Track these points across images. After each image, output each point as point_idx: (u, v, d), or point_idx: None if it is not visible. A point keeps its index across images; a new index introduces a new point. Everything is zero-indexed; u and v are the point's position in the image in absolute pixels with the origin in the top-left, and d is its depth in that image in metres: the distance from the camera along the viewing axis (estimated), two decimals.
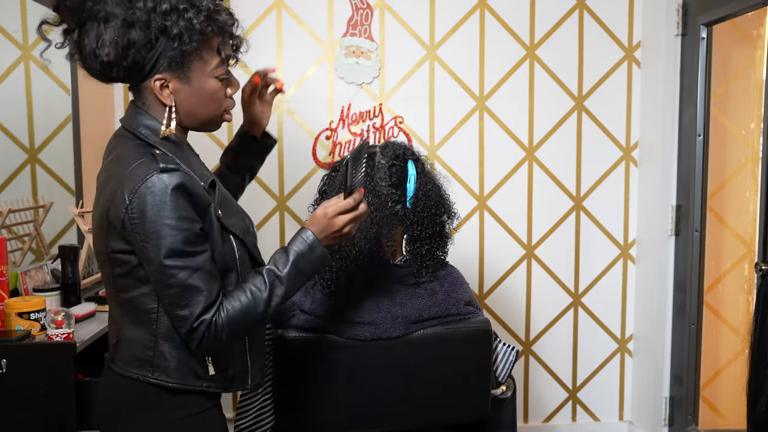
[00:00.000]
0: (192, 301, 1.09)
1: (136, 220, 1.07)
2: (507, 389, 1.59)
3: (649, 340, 2.55)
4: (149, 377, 1.14)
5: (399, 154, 1.51)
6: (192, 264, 1.08)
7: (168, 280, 1.08)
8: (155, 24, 1.08)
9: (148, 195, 1.06)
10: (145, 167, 1.08)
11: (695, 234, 2.28)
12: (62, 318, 1.64)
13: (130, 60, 1.10)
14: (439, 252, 1.53)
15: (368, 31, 2.47)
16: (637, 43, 2.58)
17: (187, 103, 1.16)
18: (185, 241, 1.07)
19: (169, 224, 1.06)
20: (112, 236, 1.11)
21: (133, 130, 1.16)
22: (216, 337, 1.11)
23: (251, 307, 1.14)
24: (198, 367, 1.16)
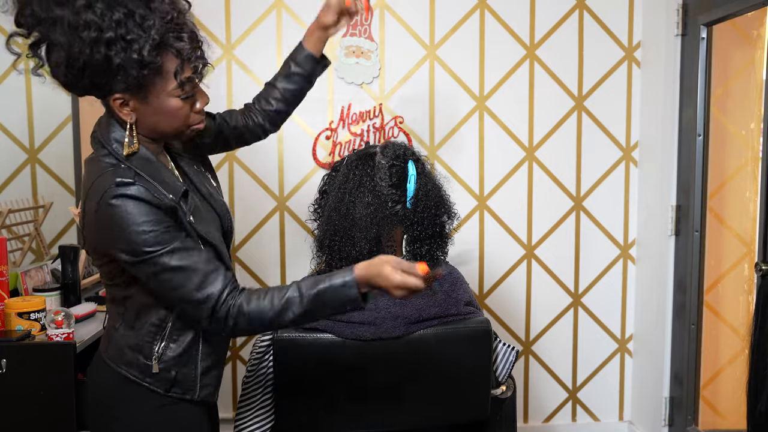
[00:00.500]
0: (185, 279, 1.12)
1: (104, 230, 1.11)
2: (507, 389, 1.59)
3: (649, 340, 2.55)
4: (107, 356, 1.23)
5: (399, 154, 1.52)
6: (169, 248, 1.11)
7: (153, 270, 1.11)
8: (98, 56, 1.06)
9: (108, 209, 1.09)
10: (104, 181, 1.11)
11: (695, 234, 2.28)
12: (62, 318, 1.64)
13: (86, 83, 1.10)
14: (439, 252, 1.53)
15: (368, 31, 2.47)
16: (637, 43, 2.58)
17: (149, 120, 1.16)
18: (155, 241, 1.10)
19: (135, 230, 1.09)
20: (88, 241, 1.17)
21: (104, 143, 1.17)
22: (227, 317, 1.14)
23: (267, 307, 1.15)
24: (144, 361, 1.20)
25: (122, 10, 1.06)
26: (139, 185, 1.11)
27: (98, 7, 1.05)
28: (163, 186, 1.15)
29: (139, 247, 1.10)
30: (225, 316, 1.14)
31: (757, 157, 2.27)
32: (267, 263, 2.55)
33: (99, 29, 1.05)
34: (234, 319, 1.14)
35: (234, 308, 1.14)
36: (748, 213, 2.43)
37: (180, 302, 1.15)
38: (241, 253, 2.53)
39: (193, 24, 1.16)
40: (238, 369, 2.58)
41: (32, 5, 1.07)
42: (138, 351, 1.20)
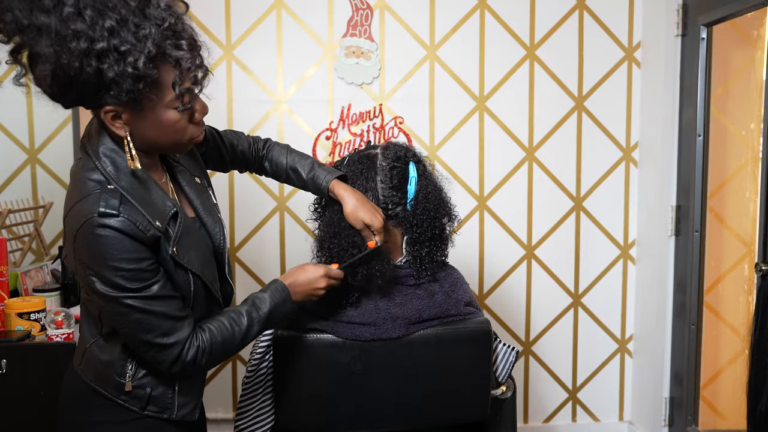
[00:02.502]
0: (154, 325, 1.09)
1: (81, 256, 1.05)
2: (507, 390, 1.58)
3: (649, 340, 2.55)
4: (79, 370, 1.19)
5: (400, 156, 1.50)
6: (144, 294, 1.07)
7: (123, 310, 1.07)
8: (89, 68, 0.96)
9: (89, 236, 1.02)
10: (87, 206, 1.03)
11: (695, 234, 2.28)
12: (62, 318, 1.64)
13: (74, 95, 1.01)
14: (439, 254, 1.53)
15: (368, 31, 2.47)
16: (637, 44, 2.58)
17: (145, 134, 1.08)
18: (133, 279, 1.05)
19: (113, 266, 1.03)
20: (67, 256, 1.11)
21: (93, 157, 1.08)
22: (195, 359, 1.14)
23: (229, 338, 1.19)
24: (117, 378, 1.16)
25: (115, 17, 0.96)
26: (123, 216, 1.03)
27: (88, 14, 0.95)
28: (151, 210, 1.08)
29: (115, 281, 1.04)
30: (194, 357, 1.13)
31: (757, 158, 2.27)
32: (267, 263, 2.55)
33: (89, 39, 0.95)
34: (206, 357, 1.15)
35: (202, 345, 1.15)
36: (748, 213, 2.43)
37: (143, 345, 1.11)
38: (241, 253, 2.53)
39: (192, 29, 1.06)
40: (238, 369, 2.58)
41: (13, 11, 0.95)
42: (111, 368, 1.16)
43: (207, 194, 1.29)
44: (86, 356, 1.18)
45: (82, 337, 1.21)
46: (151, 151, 1.14)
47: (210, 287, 1.21)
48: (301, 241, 2.52)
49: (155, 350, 1.11)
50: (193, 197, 1.25)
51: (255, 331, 1.23)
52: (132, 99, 1.01)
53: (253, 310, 1.23)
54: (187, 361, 1.13)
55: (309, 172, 1.48)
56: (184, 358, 1.12)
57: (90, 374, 1.18)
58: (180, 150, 1.17)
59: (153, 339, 1.09)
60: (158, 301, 1.09)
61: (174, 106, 1.06)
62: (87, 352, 1.18)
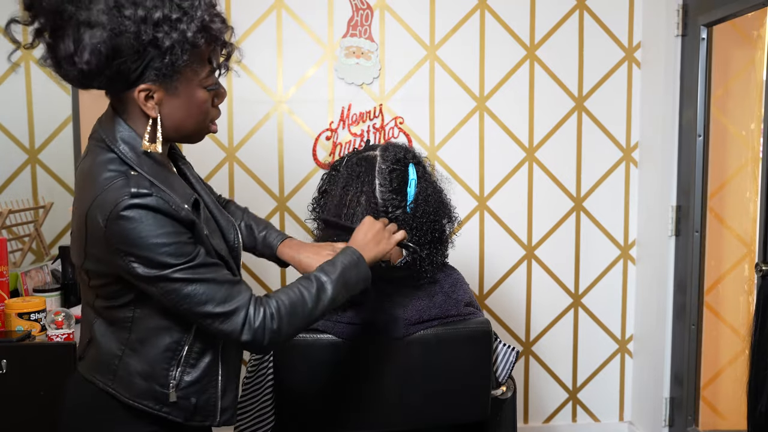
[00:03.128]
0: (211, 292, 1.03)
1: (118, 245, 0.99)
2: (507, 390, 1.58)
3: (650, 340, 2.55)
4: (108, 386, 1.09)
5: (399, 158, 1.49)
6: (191, 264, 1.02)
7: (175, 286, 1.01)
8: (145, 36, 0.97)
9: (122, 221, 0.98)
10: (116, 192, 0.99)
11: (695, 234, 2.28)
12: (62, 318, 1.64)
13: (114, 70, 0.99)
14: (439, 256, 1.52)
15: (368, 31, 2.47)
16: (637, 44, 2.58)
17: (173, 115, 1.06)
18: (176, 254, 1.01)
19: (155, 242, 0.99)
20: (89, 257, 1.05)
21: (110, 144, 1.05)
22: (264, 323, 1.06)
23: (299, 301, 1.11)
24: (159, 389, 1.09)
25: None
26: (156, 195, 1.00)
27: None
28: (177, 195, 1.06)
29: (160, 259, 0.99)
30: (263, 321, 1.06)
31: (758, 158, 2.27)
32: (267, 264, 2.54)
33: (145, 7, 0.96)
34: (276, 321, 1.08)
35: (269, 309, 1.07)
36: (748, 213, 2.43)
37: (206, 318, 1.04)
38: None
39: None
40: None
41: None
42: (151, 379, 1.09)
43: (212, 193, 1.27)
44: (120, 372, 1.09)
45: (105, 351, 1.10)
46: (173, 137, 1.11)
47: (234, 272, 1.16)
48: None
49: (219, 321, 1.04)
50: (202, 193, 1.23)
51: (329, 295, 1.15)
52: (170, 74, 1.01)
53: (321, 273, 1.16)
54: (257, 326, 1.05)
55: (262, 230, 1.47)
56: (252, 323, 1.05)
57: (128, 390, 1.09)
58: (199, 135, 1.14)
59: (213, 309, 1.03)
60: (206, 269, 1.04)
61: (205, 84, 1.07)
62: (120, 367, 1.09)
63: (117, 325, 1.09)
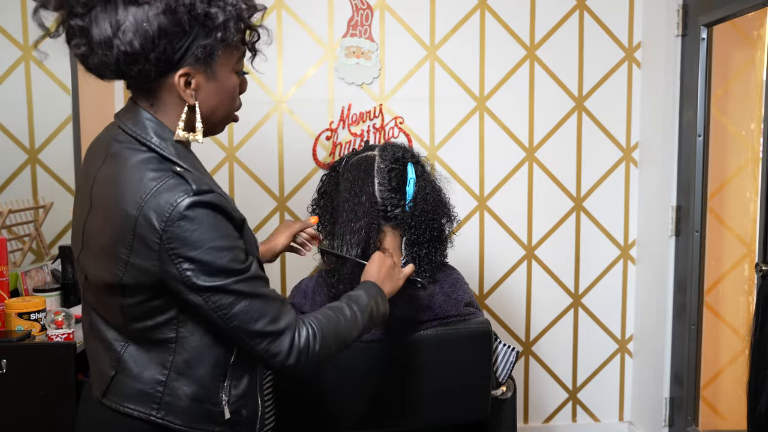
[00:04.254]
0: (264, 309, 0.98)
1: (175, 250, 0.92)
2: (507, 390, 1.58)
3: (650, 340, 2.55)
4: (153, 416, 1.00)
5: (398, 157, 1.50)
6: (247, 275, 0.97)
7: (229, 299, 0.95)
8: (200, 9, 0.92)
9: (183, 221, 0.91)
10: (172, 191, 0.92)
11: (695, 234, 2.28)
12: (62, 318, 1.64)
13: (159, 51, 0.92)
14: (438, 255, 1.52)
15: (368, 31, 2.47)
16: (638, 44, 2.58)
17: (208, 101, 1.01)
18: (234, 260, 0.95)
19: (214, 246, 0.93)
20: (135, 270, 0.95)
21: (143, 139, 0.97)
22: (309, 345, 1.01)
23: (336, 324, 1.08)
24: (212, 408, 1.03)
25: None
26: (217, 192, 0.95)
27: None
28: None
29: (220, 264, 0.93)
30: (306, 342, 1.01)
31: (758, 158, 2.27)
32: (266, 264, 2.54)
33: None
34: (319, 342, 1.03)
35: (311, 329, 1.03)
36: (748, 213, 2.43)
37: (255, 338, 0.98)
38: None
39: None
40: None
41: None
42: (205, 400, 1.02)
43: None
44: (166, 398, 1.00)
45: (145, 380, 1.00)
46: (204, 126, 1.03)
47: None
48: None
49: (268, 341, 0.98)
50: None
51: (361, 322, 1.13)
52: (211, 55, 0.96)
53: (351, 302, 1.14)
54: (302, 346, 1.00)
55: None
56: (298, 344, 1.00)
57: (180, 417, 1.01)
58: (223, 125, 1.08)
59: (265, 327, 0.97)
60: (259, 282, 0.99)
61: (237, 69, 1.04)
62: (165, 393, 1.00)
63: (158, 348, 1.00)
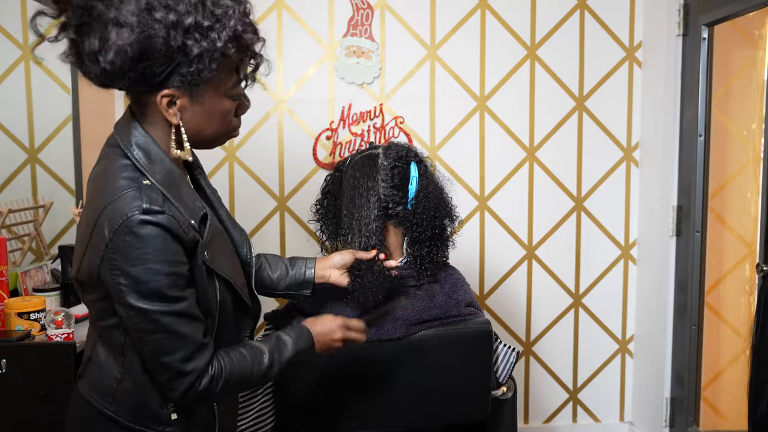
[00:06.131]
0: (178, 347, 1.00)
1: (115, 261, 0.96)
2: (507, 390, 1.59)
3: (650, 340, 2.56)
4: (107, 409, 1.07)
5: (402, 155, 1.51)
6: (176, 308, 0.99)
7: (149, 326, 0.98)
8: (174, 42, 0.95)
9: (129, 236, 0.95)
10: (127, 203, 0.96)
11: (696, 234, 2.28)
12: (62, 318, 1.65)
13: (138, 72, 0.97)
14: (440, 254, 1.53)
15: (369, 31, 2.47)
16: (638, 44, 2.58)
17: (194, 122, 1.04)
18: (170, 285, 0.98)
19: (152, 268, 0.96)
20: (86, 271, 1.01)
21: (125, 149, 1.02)
22: (209, 389, 1.04)
23: (247, 374, 1.10)
24: (159, 411, 1.07)
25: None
26: (168, 214, 0.97)
27: None
28: (186, 210, 1.02)
29: (151, 289, 0.96)
30: (207, 387, 1.04)
31: (759, 158, 2.28)
32: None
33: (177, 12, 0.94)
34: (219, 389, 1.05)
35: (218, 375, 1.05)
36: (749, 213, 2.44)
37: (159, 368, 1.02)
38: None
39: None
40: None
41: None
42: (152, 402, 1.07)
43: (224, 205, 1.25)
44: (118, 396, 1.07)
45: (105, 374, 1.08)
46: (191, 143, 1.07)
47: (240, 293, 1.13)
48: (303, 243, 2.53)
49: (171, 375, 1.02)
50: (215, 203, 1.20)
51: (273, 374, 1.15)
52: (196, 82, 0.99)
53: (276, 351, 1.14)
54: (200, 390, 1.04)
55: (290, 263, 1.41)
56: (197, 387, 1.03)
57: (128, 414, 1.07)
58: (216, 143, 1.11)
59: (172, 362, 1.01)
60: (186, 320, 1.01)
61: (230, 94, 1.05)
62: (118, 391, 1.07)
63: (113, 348, 1.07)
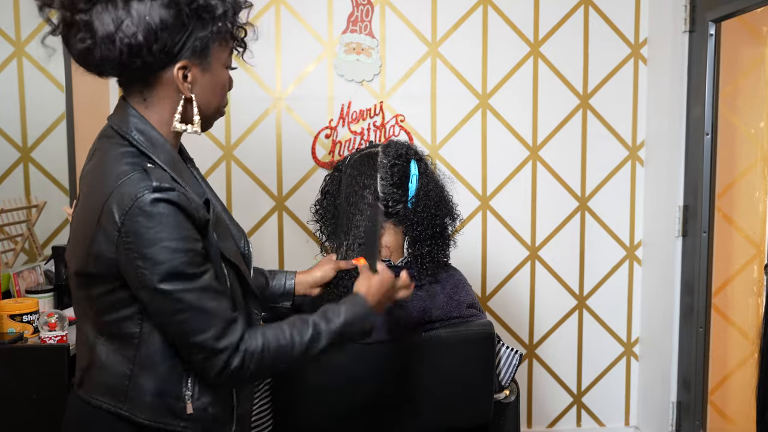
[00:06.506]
0: (207, 324, 0.98)
1: (130, 244, 0.95)
2: (510, 394, 1.58)
3: (656, 343, 2.54)
4: (120, 409, 1.03)
5: (401, 153, 1.52)
6: (198, 285, 0.98)
7: (175, 306, 0.97)
8: (191, 6, 0.98)
9: (142, 217, 0.94)
10: (134, 185, 0.96)
11: (703, 235, 2.27)
12: (55, 320, 1.64)
13: (161, 43, 0.97)
14: (440, 254, 1.52)
15: (369, 27, 2.46)
16: (644, 40, 2.57)
17: (203, 95, 1.06)
18: (189, 263, 0.97)
19: (169, 246, 0.95)
20: (97, 260, 0.99)
21: (124, 133, 1.02)
22: (243, 365, 1.01)
23: (287, 348, 1.06)
24: (175, 404, 1.04)
25: None
26: (178, 191, 0.97)
27: None
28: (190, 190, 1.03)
29: (171, 268, 0.95)
30: (240, 366, 1.01)
31: (767, 156, 2.26)
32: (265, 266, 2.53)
33: None
34: (255, 365, 1.02)
35: (253, 352, 1.02)
36: (757, 213, 2.42)
37: (191, 348, 1.00)
38: None
39: None
40: None
41: None
42: (167, 396, 1.04)
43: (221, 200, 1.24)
44: (131, 392, 1.03)
45: (113, 373, 1.04)
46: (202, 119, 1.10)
47: (247, 279, 1.13)
48: (302, 243, 2.51)
49: (204, 355, 1.00)
50: (209, 194, 1.19)
51: (322, 346, 1.10)
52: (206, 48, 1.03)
53: (323, 321, 1.11)
54: (233, 368, 1.01)
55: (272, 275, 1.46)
56: (230, 365, 1.00)
57: (143, 412, 1.03)
58: (215, 118, 1.14)
59: (204, 341, 0.99)
60: (210, 295, 0.99)
61: (228, 63, 1.10)
62: (131, 388, 1.03)
63: (123, 342, 1.03)
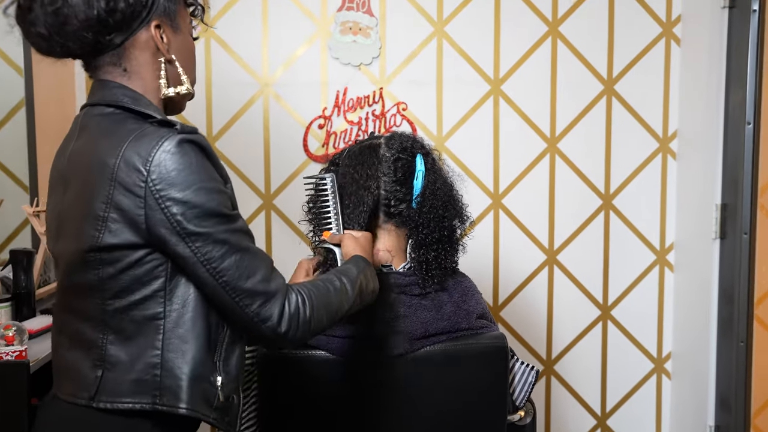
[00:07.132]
0: (256, 266, 1.04)
1: (162, 191, 0.97)
2: (526, 415, 1.59)
3: (691, 359, 2.54)
4: (157, 404, 1.02)
5: (406, 147, 1.52)
6: (237, 226, 1.04)
7: (220, 250, 1.01)
8: None
9: (170, 160, 0.98)
10: (152, 133, 1.00)
11: (743, 237, 2.28)
12: (13, 333, 1.64)
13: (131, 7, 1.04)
14: (448, 260, 1.52)
15: (367, 4, 2.47)
16: (677, 18, 2.57)
17: (180, 55, 1.14)
18: (224, 204, 1.02)
19: (205, 187, 0.99)
20: (111, 224, 0.99)
21: (113, 102, 1.06)
22: (299, 310, 1.07)
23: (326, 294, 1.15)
24: (209, 388, 1.06)
25: None
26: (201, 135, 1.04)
27: None
28: None
29: (211, 206, 0.99)
30: (297, 308, 1.07)
31: None
32: None
33: None
34: (309, 309, 1.09)
35: (301, 295, 1.09)
36: None
37: (246, 297, 1.03)
38: None
39: None
40: None
41: None
42: (203, 379, 1.05)
43: None
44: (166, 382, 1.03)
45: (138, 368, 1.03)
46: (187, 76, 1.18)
47: None
48: (293, 246, 2.51)
49: (259, 303, 1.04)
50: None
51: (351, 295, 1.20)
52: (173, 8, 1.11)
53: (341, 274, 1.22)
54: (292, 312, 1.06)
55: None
56: (288, 310, 1.06)
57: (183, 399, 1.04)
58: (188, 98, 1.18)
59: (256, 285, 1.03)
60: (249, 238, 1.06)
61: (190, 30, 1.17)
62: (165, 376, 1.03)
63: (145, 329, 1.03)
